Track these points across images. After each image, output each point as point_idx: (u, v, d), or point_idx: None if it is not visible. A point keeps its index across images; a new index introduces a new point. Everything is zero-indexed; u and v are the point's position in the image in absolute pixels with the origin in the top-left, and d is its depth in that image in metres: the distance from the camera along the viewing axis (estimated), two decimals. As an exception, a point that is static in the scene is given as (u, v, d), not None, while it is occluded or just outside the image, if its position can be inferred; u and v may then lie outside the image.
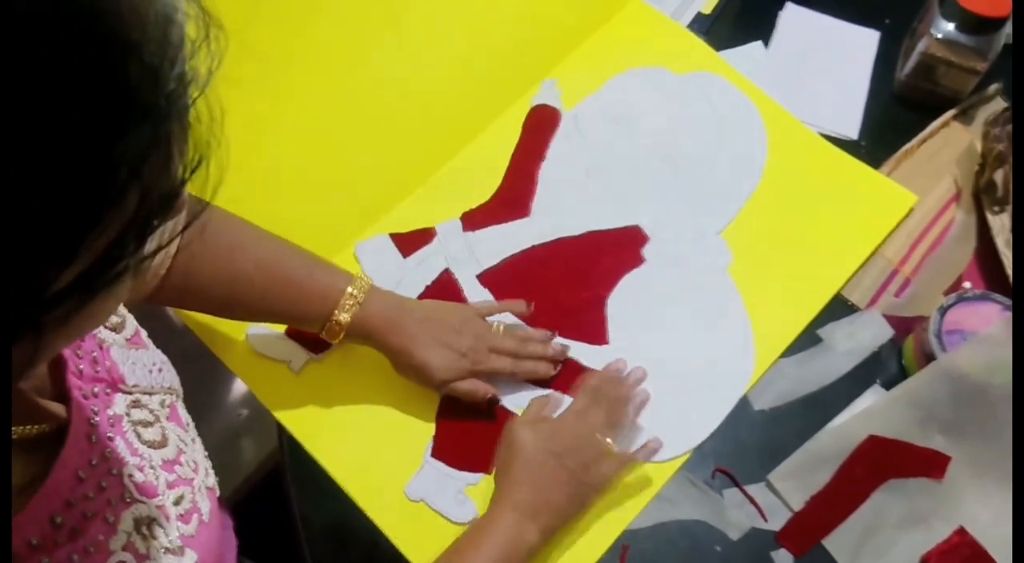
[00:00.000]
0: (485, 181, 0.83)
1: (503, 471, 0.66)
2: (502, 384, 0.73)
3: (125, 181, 0.25)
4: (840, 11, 0.94)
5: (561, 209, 0.82)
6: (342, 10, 0.77)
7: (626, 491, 0.69)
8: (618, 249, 0.80)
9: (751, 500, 0.70)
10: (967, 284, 0.79)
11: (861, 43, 0.93)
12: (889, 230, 0.81)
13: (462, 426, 0.72)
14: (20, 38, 0.22)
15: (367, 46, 0.79)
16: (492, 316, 0.73)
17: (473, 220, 0.81)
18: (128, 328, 0.49)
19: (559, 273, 0.79)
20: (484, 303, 0.75)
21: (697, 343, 0.76)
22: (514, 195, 0.83)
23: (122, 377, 0.45)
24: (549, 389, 0.73)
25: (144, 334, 0.51)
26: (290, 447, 0.72)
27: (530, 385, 0.73)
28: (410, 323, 0.68)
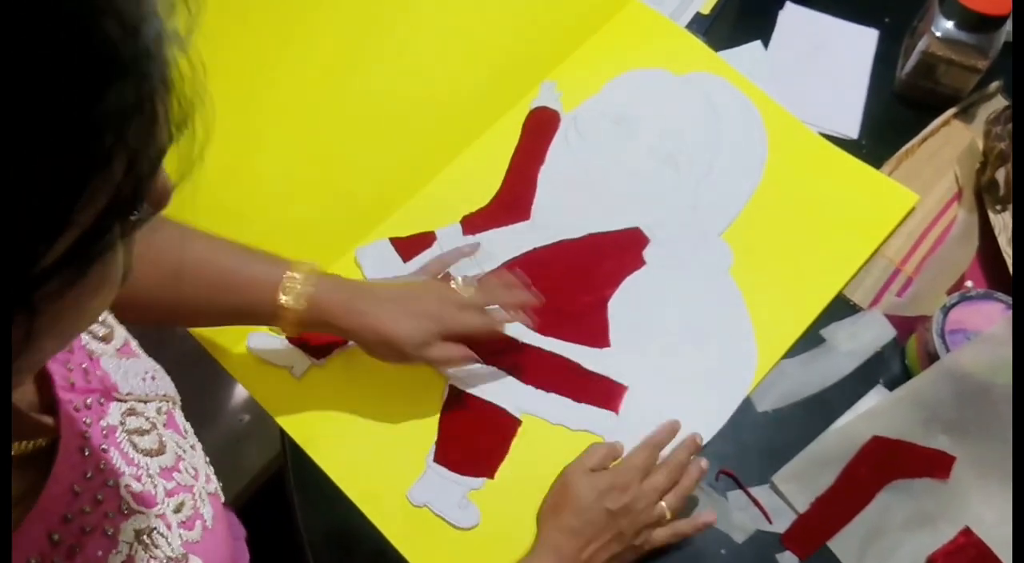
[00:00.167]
0: (485, 184, 0.83)
1: (552, 515, 0.65)
2: (504, 386, 0.73)
3: (111, 145, 0.25)
4: (839, 10, 0.94)
5: (561, 212, 0.82)
6: (341, 14, 0.77)
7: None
8: (619, 251, 0.80)
9: (755, 502, 0.70)
10: (969, 283, 0.79)
11: (861, 42, 0.93)
12: (890, 229, 0.81)
13: (465, 431, 0.72)
14: None
15: (366, 50, 0.79)
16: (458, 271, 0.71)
17: (473, 224, 0.81)
18: (117, 338, 0.48)
19: (560, 276, 0.79)
20: (433, 260, 0.73)
21: (699, 345, 0.75)
22: (514, 198, 0.83)
23: (115, 386, 0.45)
24: (554, 393, 0.73)
25: (135, 344, 0.50)
26: (293, 453, 0.72)
27: (532, 387, 0.73)
28: (368, 301, 0.66)
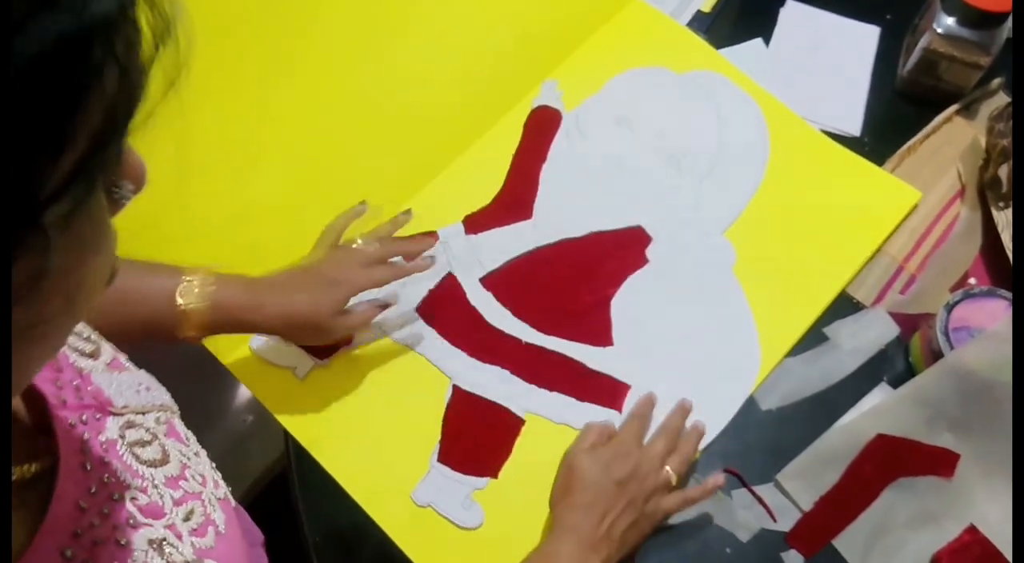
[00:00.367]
0: (487, 184, 0.83)
1: (562, 497, 0.65)
2: (507, 386, 0.73)
3: (101, 58, 0.24)
4: (840, 7, 0.94)
5: (563, 210, 0.82)
6: (342, 14, 0.77)
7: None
8: (621, 250, 0.80)
9: (760, 501, 0.69)
10: (973, 280, 0.79)
11: (862, 39, 0.92)
12: (893, 227, 0.80)
13: (468, 431, 0.72)
14: None
15: (367, 51, 0.79)
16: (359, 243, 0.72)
17: (475, 223, 0.81)
18: (105, 354, 0.48)
19: (563, 275, 0.79)
20: (326, 229, 0.74)
21: (702, 344, 0.75)
22: (516, 197, 0.83)
23: (109, 400, 0.44)
24: (557, 392, 0.73)
25: (124, 358, 0.49)
26: (296, 453, 0.72)
27: (535, 387, 0.73)
28: (271, 291, 0.66)
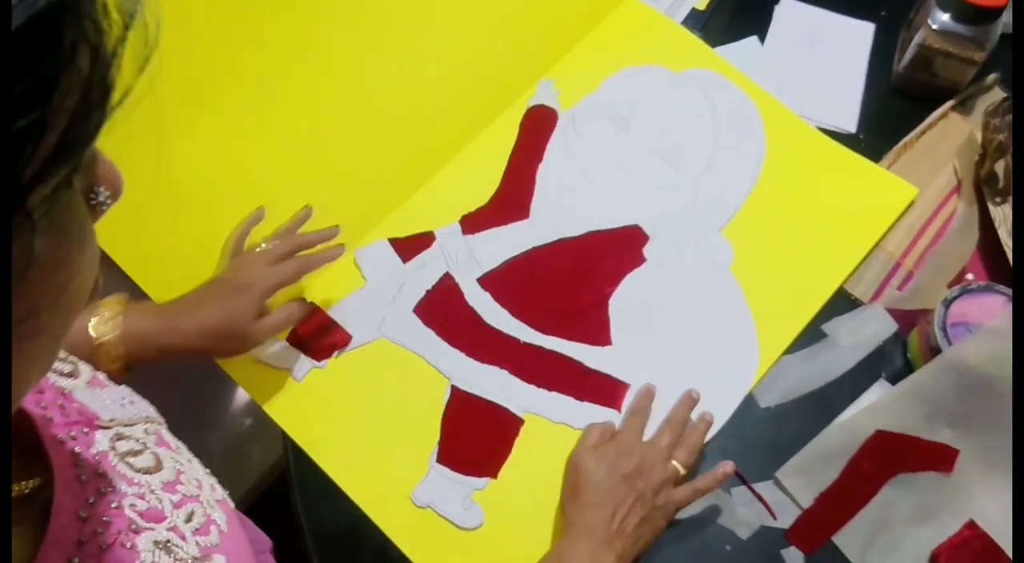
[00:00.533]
0: (483, 183, 0.83)
1: (572, 499, 0.65)
2: (506, 386, 0.73)
3: (74, 37, 0.24)
4: (835, 4, 0.94)
5: (560, 210, 0.82)
6: (337, 16, 0.77)
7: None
8: (619, 249, 0.80)
9: (759, 498, 0.69)
10: (970, 276, 0.79)
11: (857, 36, 0.92)
12: (890, 223, 0.80)
13: (467, 431, 0.72)
14: None
15: (362, 52, 0.79)
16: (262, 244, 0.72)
17: (472, 223, 0.81)
18: (84, 373, 0.48)
19: (560, 274, 0.79)
20: (227, 240, 0.73)
21: (701, 342, 0.75)
22: (513, 197, 0.83)
23: (95, 414, 0.44)
24: (556, 392, 0.73)
25: (103, 376, 0.50)
26: (295, 455, 0.72)
27: (534, 387, 0.73)
28: (181, 312, 0.66)
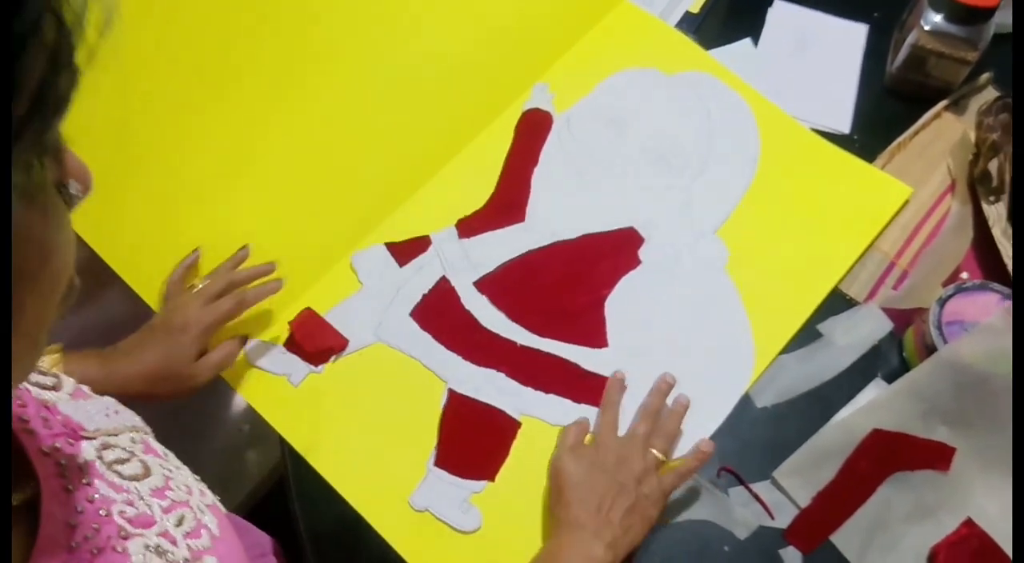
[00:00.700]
0: (479, 187, 0.83)
1: (555, 501, 0.66)
2: (502, 389, 0.73)
3: (39, 9, 0.25)
4: (828, 6, 0.94)
5: (556, 213, 0.82)
6: (332, 22, 0.77)
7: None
8: (614, 251, 0.80)
9: (757, 498, 0.70)
10: (965, 274, 0.79)
11: (850, 37, 0.93)
12: (884, 223, 0.81)
13: (465, 434, 0.72)
14: None
15: (356, 57, 0.79)
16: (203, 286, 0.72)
17: (468, 227, 0.81)
18: (67, 385, 0.48)
19: (556, 277, 0.79)
20: (164, 284, 0.73)
21: (697, 343, 0.76)
22: (509, 200, 0.83)
23: (80, 425, 0.44)
24: (552, 394, 0.73)
25: (87, 388, 0.50)
26: (293, 460, 0.72)
27: (531, 389, 0.73)
28: (119, 357, 0.67)
